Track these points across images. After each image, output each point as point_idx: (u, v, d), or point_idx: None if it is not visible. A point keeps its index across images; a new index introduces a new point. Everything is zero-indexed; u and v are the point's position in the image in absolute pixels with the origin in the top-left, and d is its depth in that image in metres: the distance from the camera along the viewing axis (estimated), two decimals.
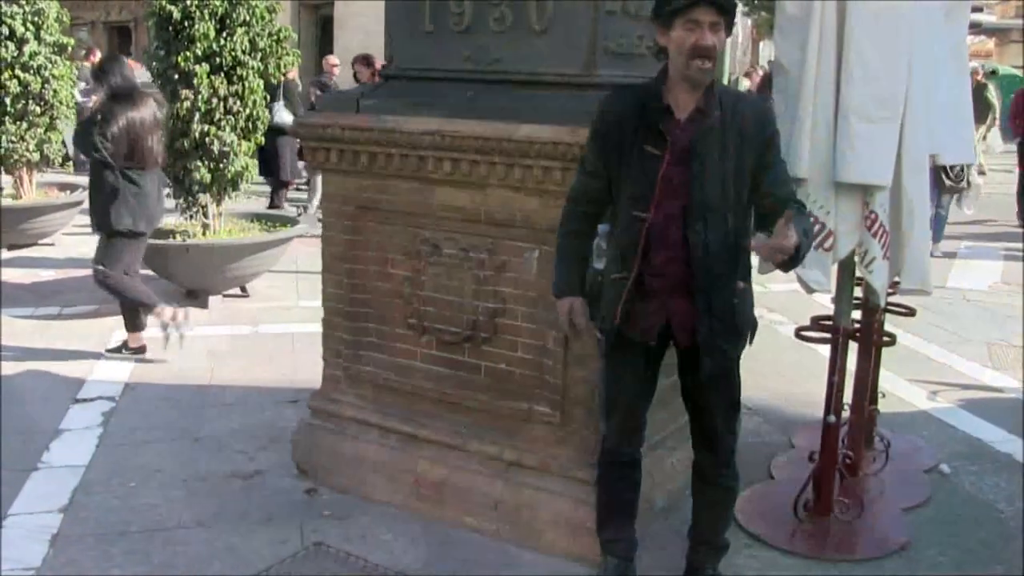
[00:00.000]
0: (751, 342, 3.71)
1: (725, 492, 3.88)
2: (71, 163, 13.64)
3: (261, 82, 8.40)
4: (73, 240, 10.99)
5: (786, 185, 3.53)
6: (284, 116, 11.92)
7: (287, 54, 8.57)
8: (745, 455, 4.01)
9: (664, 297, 3.50)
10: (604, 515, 3.97)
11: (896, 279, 4.45)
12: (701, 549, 3.96)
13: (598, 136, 3.57)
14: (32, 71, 10.54)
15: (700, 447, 3.82)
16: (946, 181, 10.11)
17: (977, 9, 20.01)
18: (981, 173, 11.88)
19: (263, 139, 8.68)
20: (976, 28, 25.38)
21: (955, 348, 7.67)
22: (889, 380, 6.37)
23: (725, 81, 16.48)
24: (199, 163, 8.10)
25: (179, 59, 7.90)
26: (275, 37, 8.41)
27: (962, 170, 5.95)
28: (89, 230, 7.37)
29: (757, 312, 3.69)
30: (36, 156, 10.71)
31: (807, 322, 4.84)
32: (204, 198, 8.36)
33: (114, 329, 7.49)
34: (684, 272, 3.45)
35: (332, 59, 14.48)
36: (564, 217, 3.73)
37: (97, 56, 10.40)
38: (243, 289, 8.71)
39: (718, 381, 3.63)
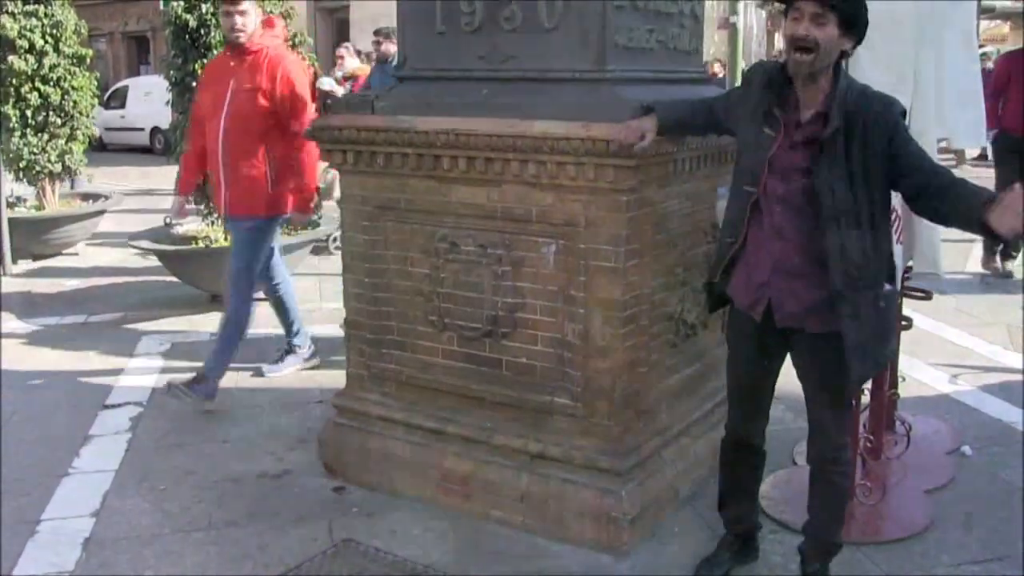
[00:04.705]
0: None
1: (832, 488, 3.80)
2: None
3: None
4: (96, 249, 11.13)
5: (926, 159, 3.41)
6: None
7: (303, 58, 8.61)
8: (768, 442, 4.04)
9: (768, 272, 3.55)
10: (723, 494, 4.08)
11: (909, 263, 4.47)
12: (809, 542, 3.93)
13: (734, 94, 3.82)
14: (52, 83, 10.67)
15: (811, 441, 3.81)
16: None
17: None
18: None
19: None
20: (990, 12, 25.19)
21: (976, 331, 7.67)
22: (910, 364, 6.38)
23: (738, 72, 16.36)
24: None
25: (197, 67, 7.97)
26: (291, 42, 8.46)
27: None
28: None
29: None
30: (58, 167, 10.83)
31: None
32: None
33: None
34: (787, 254, 3.50)
35: (340, 51, 14.46)
36: None
37: None
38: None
39: (829, 378, 3.62)
